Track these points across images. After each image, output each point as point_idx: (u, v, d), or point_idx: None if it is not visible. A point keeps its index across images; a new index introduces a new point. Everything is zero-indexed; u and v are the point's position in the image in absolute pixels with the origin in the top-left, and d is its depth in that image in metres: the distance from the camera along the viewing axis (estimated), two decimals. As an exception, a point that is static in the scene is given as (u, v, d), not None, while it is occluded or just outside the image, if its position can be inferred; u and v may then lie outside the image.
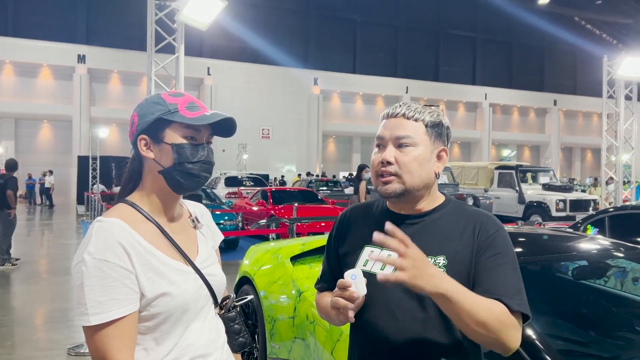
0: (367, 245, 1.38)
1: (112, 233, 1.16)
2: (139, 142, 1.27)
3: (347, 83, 33.51)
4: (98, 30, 28.45)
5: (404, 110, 1.34)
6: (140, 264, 1.17)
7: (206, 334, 1.30)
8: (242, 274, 4.05)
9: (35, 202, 24.09)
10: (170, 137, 1.26)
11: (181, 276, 1.25)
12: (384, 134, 1.33)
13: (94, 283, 1.12)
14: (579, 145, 41.70)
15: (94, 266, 1.12)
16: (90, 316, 1.11)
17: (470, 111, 38.08)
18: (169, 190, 1.29)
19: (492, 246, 1.27)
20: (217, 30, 27.15)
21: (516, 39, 39.29)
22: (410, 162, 1.30)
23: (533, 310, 2.22)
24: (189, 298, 1.25)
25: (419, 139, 1.32)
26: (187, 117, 1.25)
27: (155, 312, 1.19)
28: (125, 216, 1.23)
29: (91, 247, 1.14)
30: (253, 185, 17.65)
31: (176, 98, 1.30)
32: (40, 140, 28.14)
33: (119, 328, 1.13)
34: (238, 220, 10.87)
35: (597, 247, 2.70)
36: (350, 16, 34.88)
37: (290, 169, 31.29)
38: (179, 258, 1.27)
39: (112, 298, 1.12)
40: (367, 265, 1.35)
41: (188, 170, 1.26)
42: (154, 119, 1.26)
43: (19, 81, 27.06)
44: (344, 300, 1.25)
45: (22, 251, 9.61)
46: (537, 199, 13.66)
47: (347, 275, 1.26)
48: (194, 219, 1.40)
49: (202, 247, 1.37)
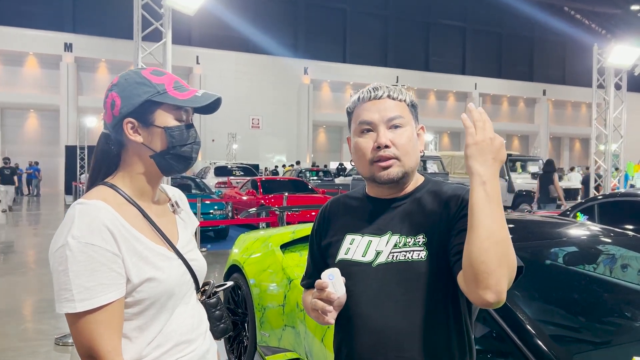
0: (349, 234, 1.35)
1: (97, 215, 1.12)
2: (125, 125, 1.20)
3: (337, 73, 33.39)
4: (85, 19, 28.03)
5: (387, 92, 1.30)
6: (126, 247, 1.14)
7: (189, 320, 1.28)
8: (232, 262, 4.02)
9: (22, 192, 23.85)
10: (161, 119, 1.21)
11: (165, 262, 1.21)
12: (372, 118, 1.28)
13: (79, 268, 1.07)
14: (567, 135, 41.98)
15: (79, 250, 1.07)
16: (77, 302, 1.07)
17: (460, 101, 38.15)
18: (156, 173, 1.26)
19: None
20: (206, 18, 26.87)
21: (506, 29, 39.33)
22: (407, 143, 1.27)
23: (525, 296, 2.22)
24: (175, 283, 1.22)
25: (407, 119, 1.30)
26: (179, 99, 1.21)
27: (140, 297, 1.16)
28: (107, 198, 1.18)
29: (75, 230, 1.09)
30: (243, 175, 17.57)
31: (160, 77, 1.24)
32: (26, 130, 27.76)
33: (107, 314, 1.10)
34: (228, 209, 10.81)
35: (587, 233, 2.69)
36: (340, 5, 34.68)
37: (280, 159, 31.20)
38: (161, 243, 1.23)
39: (99, 283, 1.08)
40: (348, 253, 1.33)
41: (182, 153, 1.23)
42: (142, 101, 1.19)
43: (4, 70, 26.62)
44: (322, 302, 1.23)
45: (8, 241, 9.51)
46: (526, 188, 13.75)
47: (324, 275, 1.24)
48: (173, 204, 1.36)
49: (182, 232, 1.34)
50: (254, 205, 11.59)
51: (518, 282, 1.15)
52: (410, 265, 1.23)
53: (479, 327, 1.95)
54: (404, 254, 1.24)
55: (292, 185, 13.08)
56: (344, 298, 1.26)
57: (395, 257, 1.25)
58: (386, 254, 1.26)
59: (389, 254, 1.26)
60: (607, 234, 2.70)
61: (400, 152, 1.26)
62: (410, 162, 1.28)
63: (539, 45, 40.62)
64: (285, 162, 30.35)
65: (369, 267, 1.27)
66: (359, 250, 1.30)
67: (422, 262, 1.22)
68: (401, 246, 1.25)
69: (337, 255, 1.34)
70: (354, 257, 1.30)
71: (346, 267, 1.30)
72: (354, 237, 1.33)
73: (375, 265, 1.27)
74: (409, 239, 1.25)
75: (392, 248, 1.26)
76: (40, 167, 23.93)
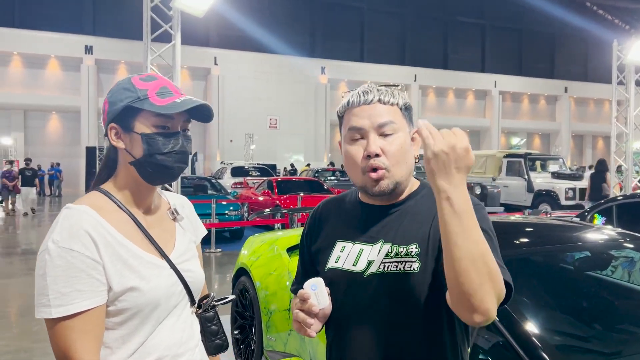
0: (339, 241, 1.29)
1: (78, 220, 1.10)
2: (110, 131, 1.21)
3: (354, 72, 33.25)
4: (105, 21, 28.40)
5: (378, 96, 1.22)
6: (108, 254, 1.11)
7: (178, 333, 1.23)
8: (240, 265, 4.00)
9: (44, 193, 24.28)
10: (140, 126, 1.18)
11: (153, 270, 1.18)
12: (363, 124, 1.21)
13: (57, 273, 1.05)
14: (590, 133, 41.22)
15: (58, 255, 1.06)
16: (53, 308, 1.05)
17: (479, 99, 37.71)
18: (142, 181, 1.22)
19: None
20: (223, 19, 27.03)
21: (526, 26, 38.74)
22: (398, 152, 1.20)
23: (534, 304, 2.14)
24: (160, 294, 1.18)
25: (400, 124, 1.23)
26: (157, 105, 1.17)
27: (122, 307, 1.13)
28: (96, 204, 1.16)
29: (56, 235, 1.08)
30: (259, 175, 17.61)
31: (147, 83, 1.21)
32: (48, 131, 28.26)
33: (83, 322, 1.07)
34: (243, 210, 10.83)
35: (601, 238, 2.60)
36: (357, 4, 34.55)
37: (298, 158, 31.21)
38: (152, 251, 1.20)
39: (75, 289, 1.06)
40: (338, 261, 1.27)
41: (159, 161, 1.19)
42: (122, 107, 1.18)
43: (27, 73, 27.12)
44: (303, 314, 1.18)
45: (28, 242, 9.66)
46: (546, 188, 13.51)
47: (307, 286, 1.18)
48: (173, 211, 1.32)
49: (180, 240, 1.29)
50: (270, 205, 11.60)
51: (528, 288, 1.08)
52: (402, 277, 1.17)
53: (484, 338, 1.89)
54: (396, 264, 1.18)
55: (307, 185, 13.06)
56: (329, 309, 1.21)
57: (386, 267, 1.19)
58: (377, 264, 1.20)
59: (380, 263, 1.20)
60: (622, 238, 2.60)
61: (391, 162, 1.19)
62: (401, 171, 1.21)
63: (559, 41, 39.93)
64: (302, 161, 30.38)
65: (360, 277, 1.22)
66: (350, 258, 1.25)
67: (415, 274, 1.16)
68: (393, 256, 1.20)
69: (327, 263, 1.29)
70: (345, 266, 1.25)
71: (336, 276, 1.25)
72: (345, 245, 1.28)
73: (367, 275, 1.21)
74: (400, 249, 1.19)
75: (383, 258, 1.20)
76: (61, 168, 24.35)
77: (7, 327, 4.98)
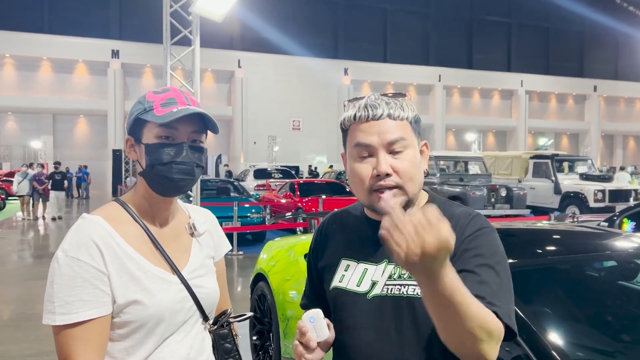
0: (344, 259, 1.24)
1: (87, 231, 1.11)
2: (126, 142, 1.25)
3: (377, 73, 33.12)
4: (131, 26, 28.91)
5: (387, 110, 1.14)
6: (115, 266, 1.11)
7: (184, 350, 1.22)
8: (258, 270, 3.98)
9: (72, 195, 24.78)
10: (146, 137, 1.19)
11: (160, 285, 1.16)
12: (371, 141, 1.12)
13: (63, 281, 1.08)
14: (620, 133, 40.23)
15: (65, 264, 1.08)
16: (57, 315, 1.07)
17: (505, 99, 37.16)
18: (153, 192, 1.22)
19: (473, 247, 1.09)
20: (246, 22, 27.22)
21: (553, 24, 38.04)
22: (410, 169, 1.13)
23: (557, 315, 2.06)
24: (165, 309, 1.16)
25: (410, 140, 1.15)
26: (157, 116, 1.17)
27: (126, 319, 1.12)
28: (110, 215, 1.18)
29: (66, 244, 1.10)
30: (282, 178, 17.65)
31: (157, 95, 1.22)
32: (76, 134, 28.89)
33: (86, 331, 1.08)
34: (265, 212, 10.85)
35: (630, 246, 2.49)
36: (380, 4, 34.41)
37: (321, 160, 31.22)
38: (163, 265, 1.19)
39: (79, 299, 1.07)
40: (342, 281, 1.22)
41: (160, 172, 1.18)
42: (133, 119, 1.22)
43: (56, 77, 27.80)
44: (301, 347, 1.13)
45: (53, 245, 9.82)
46: (574, 190, 13.20)
47: (306, 318, 1.13)
48: (191, 226, 1.31)
49: (195, 256, 1.28)
50: (292, 208, 11.59)
51: (549, 299, 1.02)
52: (405, 302, 1.12)
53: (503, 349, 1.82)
54: (399, 287, 1.13)
55: (329, 187, 13.01)
56: (331, 338, 1.17)
57: (389, 290, 1.14)
58: (381, 286, 1.15)
59: (383, 286, 1.15)
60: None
61: (403, 180, 1.12)
62: (415, 187, 1.15)
63: (588, 39, 39.08)
64: (325, 163, 30.37)
65: (364, 298, 1.17)
66: (354, 278, 1.20)
67: (417, 299, 1.10)
68: (396, 278, 1.14)
69: (331, 282, 1.24)
70: (348, 286, 1.20)
71: (340, 296, 1.21)
72: (349, 263, 1.23)
73: (371, 297, 1.16)
74: (404, 271, 1.13)
75: (386, 279, 1.15)
76: (89, 171, 24.83)
77: (31, 329, 5.06)
